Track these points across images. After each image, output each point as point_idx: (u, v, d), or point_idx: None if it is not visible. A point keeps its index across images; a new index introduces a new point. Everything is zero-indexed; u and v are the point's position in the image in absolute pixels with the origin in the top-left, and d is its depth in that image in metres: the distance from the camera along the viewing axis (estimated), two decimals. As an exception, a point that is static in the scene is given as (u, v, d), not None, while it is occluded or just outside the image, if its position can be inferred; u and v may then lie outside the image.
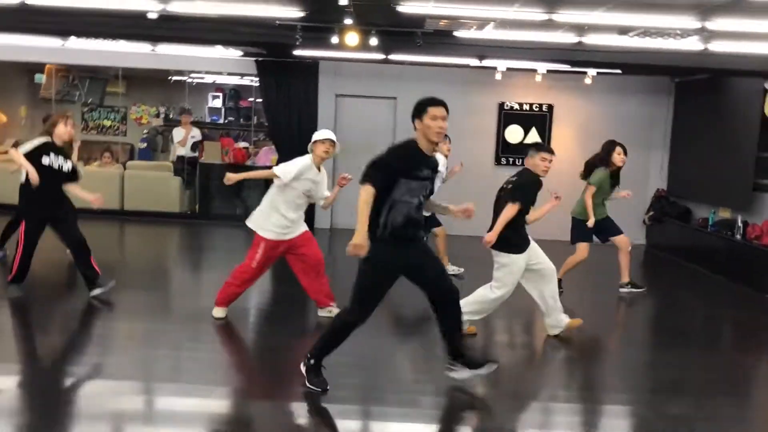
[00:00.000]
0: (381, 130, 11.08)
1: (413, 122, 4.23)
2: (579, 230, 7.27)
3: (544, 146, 5.79)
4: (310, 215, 11.11)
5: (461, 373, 4.47)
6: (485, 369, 4.47)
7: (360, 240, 3.95)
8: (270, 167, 6.40)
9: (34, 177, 5.69)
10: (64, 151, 6.13)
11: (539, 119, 11.09)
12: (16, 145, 10.94)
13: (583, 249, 7.23)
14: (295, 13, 6.99)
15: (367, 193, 4.01)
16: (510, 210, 5.32)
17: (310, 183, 5.73)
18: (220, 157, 11.56)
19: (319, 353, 4.38)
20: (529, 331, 6.42)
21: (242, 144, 12.19)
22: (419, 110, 4.17)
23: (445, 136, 7.77)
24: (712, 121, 9.67)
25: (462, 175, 8.26)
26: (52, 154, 5.95)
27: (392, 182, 4.10)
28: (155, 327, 5.74)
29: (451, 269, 7.84)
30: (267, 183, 11.78)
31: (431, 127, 4.12)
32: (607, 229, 7.42)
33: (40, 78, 13.06)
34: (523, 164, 5.82)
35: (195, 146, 11.75)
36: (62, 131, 6.01)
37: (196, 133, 11.86)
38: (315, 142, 5.70)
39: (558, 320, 5.69)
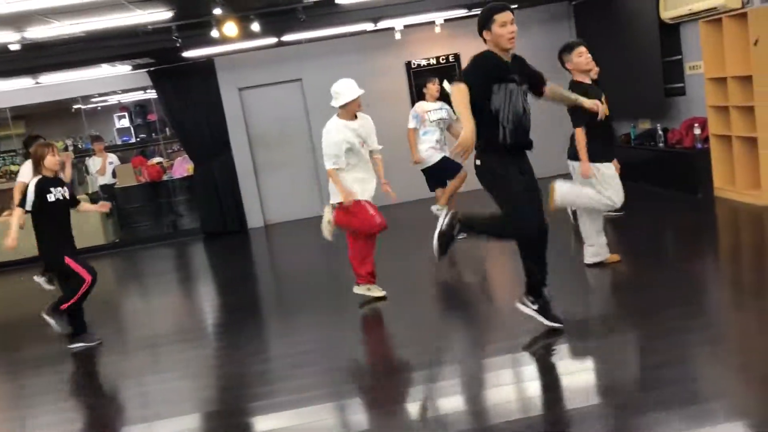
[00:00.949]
0: (292, 114, 10.76)
1: (481, 35, 4.12)
2: None
3: (570, 42, 5.50)
4: (241, 214, 10.81)
5: (528, 311, 4.45)
6: (552, 323, 4.42)
7: (468, 133, 3.80)
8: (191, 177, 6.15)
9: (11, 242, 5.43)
10: (59, 180, 5.78)
11: (449, 71, 10.89)
12: None
13: None
14: (163, 14, 6.61)
15: (459, 89, 3.89)
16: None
17: (352, 136, 5.48)
18: (134, 179, 11.10)
19: (533, 285, 4.40)
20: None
21: (155, 160, 11.73)
22: (485, 21, 4.07)
23: (431, 78, 7.65)
24: (613, 36, 9.60)
25: (384, 139, 7.97)
26: (51, 189, 5.62)
27: (488, 90, 4.02)
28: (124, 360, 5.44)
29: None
30: (190, 188, 11.41)
31: (502, 34, 4.02)
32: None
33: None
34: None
35: (115, 173, 11.27)
36: (51, 162, 5.63)
37: (113, 159, 11.37)
38: (343, 106, 5.47)
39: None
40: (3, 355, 6.23)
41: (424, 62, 10.89)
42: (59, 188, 5.70)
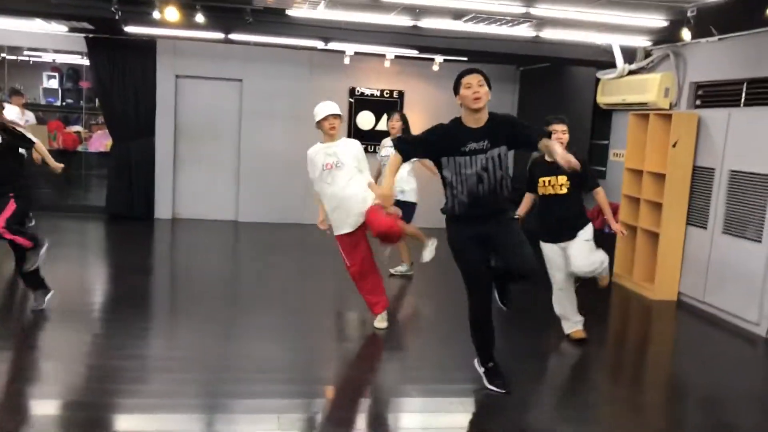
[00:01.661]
0: (226, 113, 10.55)
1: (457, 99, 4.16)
2: None
3: (548, 118, 5.49)
4: (150, 202, 10.46)
5: (479, 370, 4.53)
6: (495, 388, 4.45)
7: (385, 190, 4.15)
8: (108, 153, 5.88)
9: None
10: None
11: (391, 105, 10.94)
12: None
13: None
14: (107, -18, 6.39)
15: (395, 157, 4.20)
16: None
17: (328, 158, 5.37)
18: (47, 142, 10.58)
19: (480, 356, 4.49)
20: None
21: (74, 128, 11.25)
22: (455, 85, 4.14)
23: (394, 113, 7.54)
24: (552, 109, 9.85)
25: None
26: None
27: (438, 161, 4.16)
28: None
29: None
30: (104, 165, 10.96)
31: (467, 96, 4.04)
32: None
33: None
34: (375, 151, 5.65)
35: (26, 133, 10.70)
36: None
37: (29, 117, 10.80)
38: (317, 122, 5.38)
39: None
40: None
41: (368, 91, 10.91)
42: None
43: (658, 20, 6.83)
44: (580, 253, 5.33)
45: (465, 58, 10.30)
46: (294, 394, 4.29)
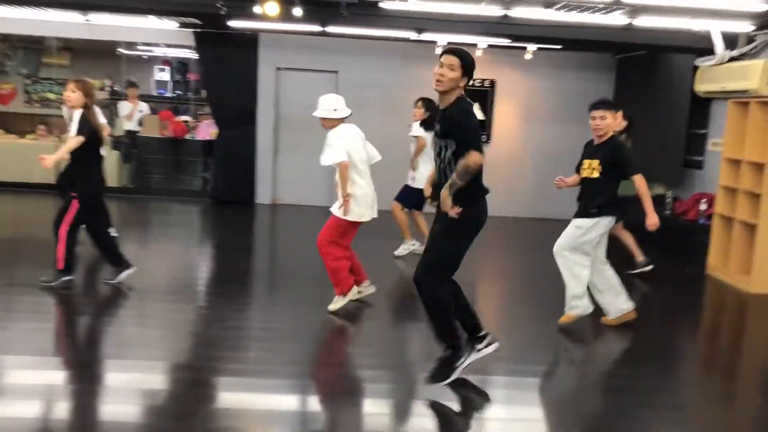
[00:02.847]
0: (322, 104, 10.94)
1: None
2: None
3: (591, 104, 5.41)
4: (252, 187, 11.02)
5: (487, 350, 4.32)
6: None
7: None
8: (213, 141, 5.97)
9: None
10: None
11: (482, 95, 11.03)
12: None
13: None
14: (214, -19, 6.84)
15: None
16: None
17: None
18: (158, 131, 11.35)
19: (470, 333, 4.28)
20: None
21: (183, 118, 11.98)
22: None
23: (418, 100, 7.76)
24: (648, 98, 9.70)
25: (406, 151, 8.10)
26: None
27: None
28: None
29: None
30: (207, 153, 11.61)
31: (434, 74, 3.89)
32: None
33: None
34: None
35: (142, 121, 11.54)
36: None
37: (143, 107, 11.63)
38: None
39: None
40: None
41: (460, 81, 11.01)
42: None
43: (762, 4, 6.61)
44: (564, 234, 5.40)
45: (559, 47, 10.25)
46: (383, 366, 4.55)
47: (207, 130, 11.38)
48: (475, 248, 4.14)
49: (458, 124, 3.84)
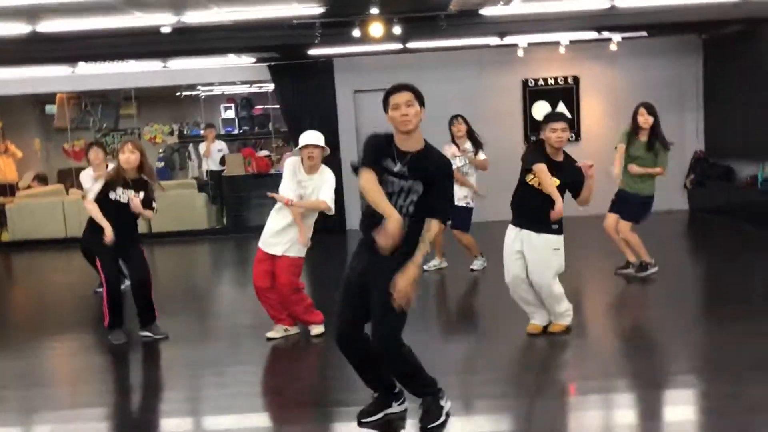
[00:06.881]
0: (404, 122, 10.77)
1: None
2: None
3: (554, 115, 5.37)
4: (341, 214, 10.87)
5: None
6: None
7: (394, 223, 3.44)
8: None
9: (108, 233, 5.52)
10: (129, 182, 5.74)
11: (566, 92, 10.75)
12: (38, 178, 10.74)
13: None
14: (314, 9, 6.72)
15: (365, 178, 3.64)
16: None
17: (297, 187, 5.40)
18: (243, 169, 11.32)
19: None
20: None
21: (263, 152, 11.96)
22: (384, 104, 3.79)
23: (457, 116, 7.48)
24: (746, 74, 9.29)
25: (492, 158, 7.87)
26: (119, 189, 5.65)
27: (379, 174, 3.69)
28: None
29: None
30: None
31: (394, 117, 3.72)
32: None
33: (52, 109, 12.90)
34: None
35: (223, 160, 11.54)
36: (120, 159, 5.66)
37: (222, 146, 11.68)
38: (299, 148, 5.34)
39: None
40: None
41: (541, 81, 10.77)
42: (128, 190, 5.65)
43: None
44: (540, 262, 5.05)
45: (645, 33, 9.94)
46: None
47: (290, 162, 11.31)
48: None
49: (449, 176, 3.76)
